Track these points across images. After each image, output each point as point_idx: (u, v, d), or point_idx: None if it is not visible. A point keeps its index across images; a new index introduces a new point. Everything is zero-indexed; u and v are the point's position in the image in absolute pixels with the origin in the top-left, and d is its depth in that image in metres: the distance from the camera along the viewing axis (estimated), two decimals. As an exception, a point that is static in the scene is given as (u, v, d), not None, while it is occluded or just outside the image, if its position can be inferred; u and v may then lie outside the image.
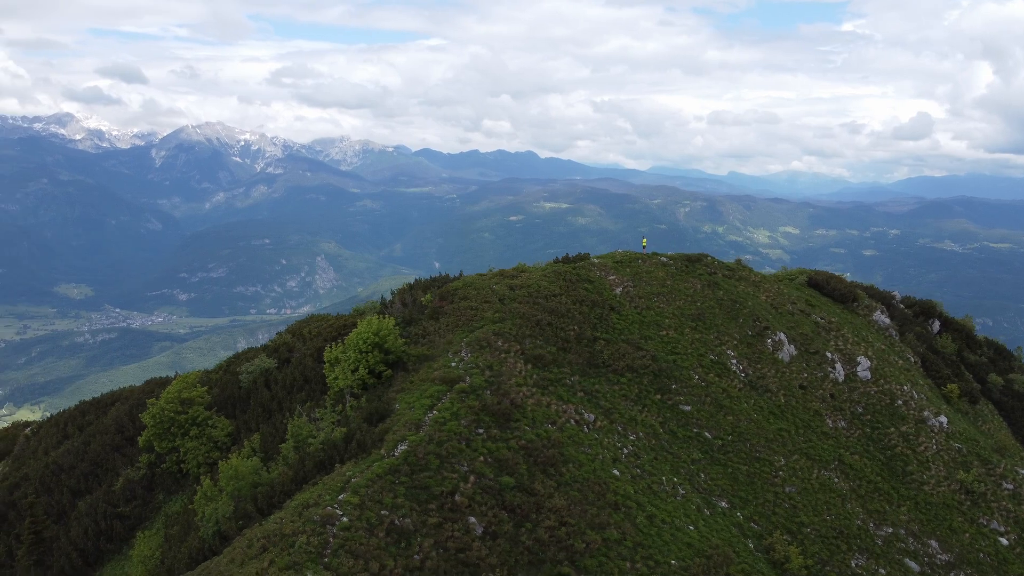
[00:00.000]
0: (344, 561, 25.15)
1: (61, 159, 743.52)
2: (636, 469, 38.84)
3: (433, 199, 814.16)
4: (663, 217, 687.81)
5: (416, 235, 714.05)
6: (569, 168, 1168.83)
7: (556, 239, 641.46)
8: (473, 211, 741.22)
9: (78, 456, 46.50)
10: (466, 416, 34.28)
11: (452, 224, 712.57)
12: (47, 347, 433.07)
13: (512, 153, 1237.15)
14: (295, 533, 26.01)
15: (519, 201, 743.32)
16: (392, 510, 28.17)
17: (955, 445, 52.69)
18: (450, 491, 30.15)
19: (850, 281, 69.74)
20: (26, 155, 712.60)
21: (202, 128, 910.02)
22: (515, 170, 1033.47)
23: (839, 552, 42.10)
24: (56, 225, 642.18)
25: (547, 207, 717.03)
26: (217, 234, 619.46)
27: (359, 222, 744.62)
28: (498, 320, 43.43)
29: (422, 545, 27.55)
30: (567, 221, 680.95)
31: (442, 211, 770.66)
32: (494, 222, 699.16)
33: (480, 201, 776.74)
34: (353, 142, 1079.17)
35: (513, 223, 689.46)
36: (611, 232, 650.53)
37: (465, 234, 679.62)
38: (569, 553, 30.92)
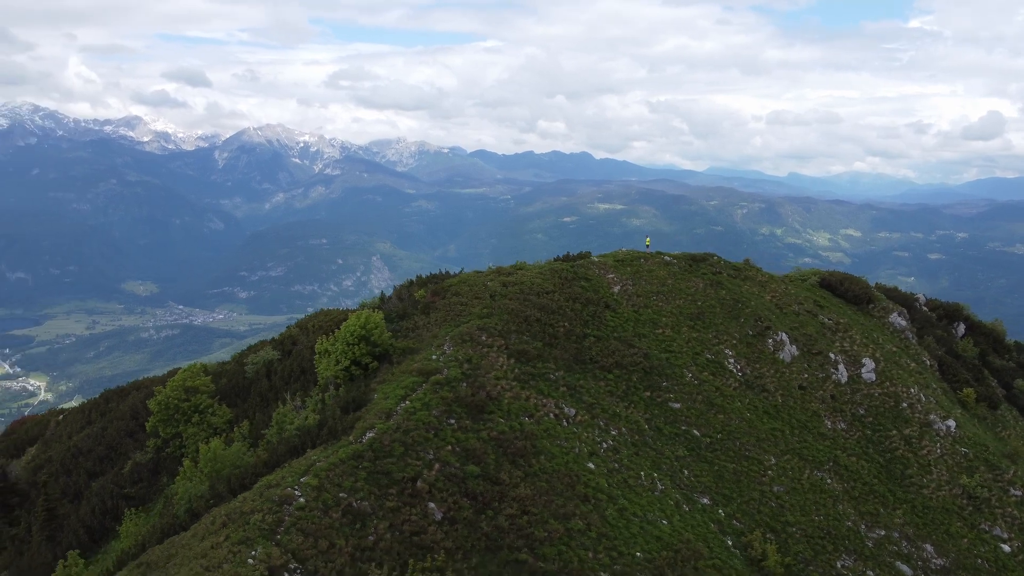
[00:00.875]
0: (294, 538, 26.60)
1: (130, 160, 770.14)
2: (614, 464, 39.50)
3: (487, 200, 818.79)
4: (719, 219, 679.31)
5: (470, 236, 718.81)
6: (624, 169, 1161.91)
7: (610, 241, 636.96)
8: (527, 212, 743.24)
9: (96, 440, 49.27)
10: (437, 406, 35.48)
11: (506, 225, 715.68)
12: (114, 342, 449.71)
13: (567, 154, 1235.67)
14: (252, 511, 27.60)
15: (573, 202, 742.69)
16: (350, 493, 29.55)
17: (961, 449, 51.81)
18: (412, 477, 31.38)
19: (869, 283, 68.72)
20: (97, 157, 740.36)
21: (263, 130, 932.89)
22: (570, 171, 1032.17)
23: (824, 552, 41.99)
24: (124, 224, 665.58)
25: (601, 208, 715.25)
26: (276, 234, 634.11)
27: (414, 223, 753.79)
28: (485, 315, 44.55)
29: (377, 527, 28.85)
30: (621, 222, 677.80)
31: (496, 212, 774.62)
32: (548, 223, 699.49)
33: (534, 202, 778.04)
34: (409, 143, 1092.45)
35: (567, 224, 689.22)
36: (666, 234, 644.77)
37: (518, 235, 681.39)
38: (528, 541, 31.83)
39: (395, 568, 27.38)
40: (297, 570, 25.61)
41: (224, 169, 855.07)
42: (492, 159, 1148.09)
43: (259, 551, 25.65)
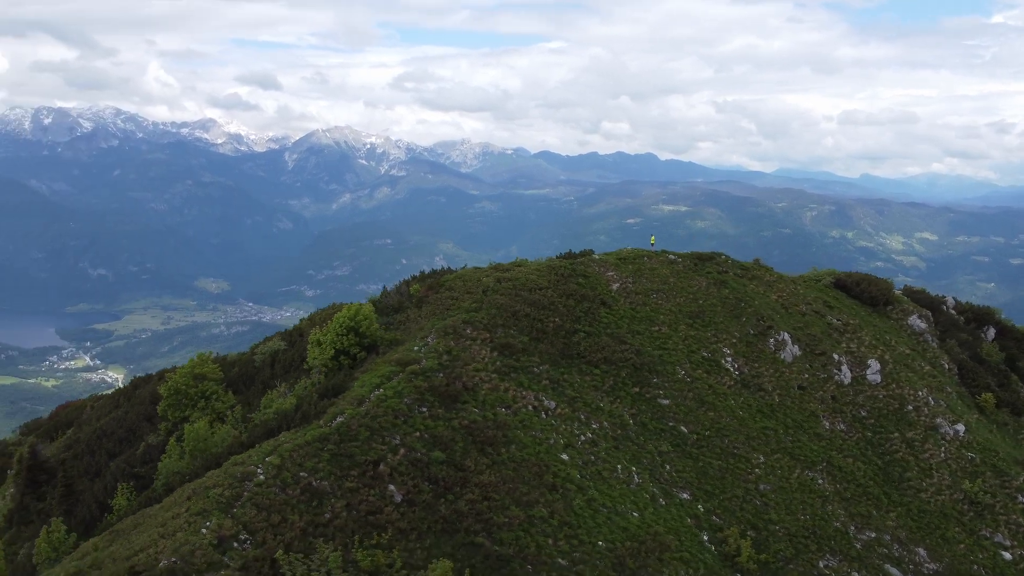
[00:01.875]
0: (248, 511, 28.38)
1: (204, 162, 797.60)
2: (590, 456, 40.30)
3: (550, 201, 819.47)
4: (787, 221, 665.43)
5: (532, 237, 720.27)
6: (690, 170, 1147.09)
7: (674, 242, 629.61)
8: (590, 213, 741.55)
9: (118, 423, 52.41)
10: (410, 395, 36.93)
11: (569, 226, 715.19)
12: (187, 337, 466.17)
13: (631, 155, 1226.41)
14: (214, 486, 29.52)
15: (637, 204, 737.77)
16: (311, 473, 31.22)
17: (967, 454, 50.80)
18: (374, 460, 32.89)
19: (893, 284, 67.44)
20: (173, 158, 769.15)
21: (331, 132, 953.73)
22: (634, 172, 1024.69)
23: (807, 551, 41.92)
24: (198, 224, 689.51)
25: (665, 210, 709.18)
26: (342, 234, 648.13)
27: (477, 223, 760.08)
28: (473, 309, 45.83)
29: (334, 506, 30.45)
30: (686, 224, 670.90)
31: (559, 213, 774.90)
32: (611, 224, 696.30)
33: (597, 203, 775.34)
34: (473, 144, 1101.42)
35: (630, 226, 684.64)
36: (731, 236, 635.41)
37: (581, 236, 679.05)
38: (487, 525, 32.98)
39: (344, 543, 28.91)
40: (247, 541, 27.38)
41: (293, 170, 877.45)
42: (556, 160, 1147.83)
43: (213, 522, 27.52)
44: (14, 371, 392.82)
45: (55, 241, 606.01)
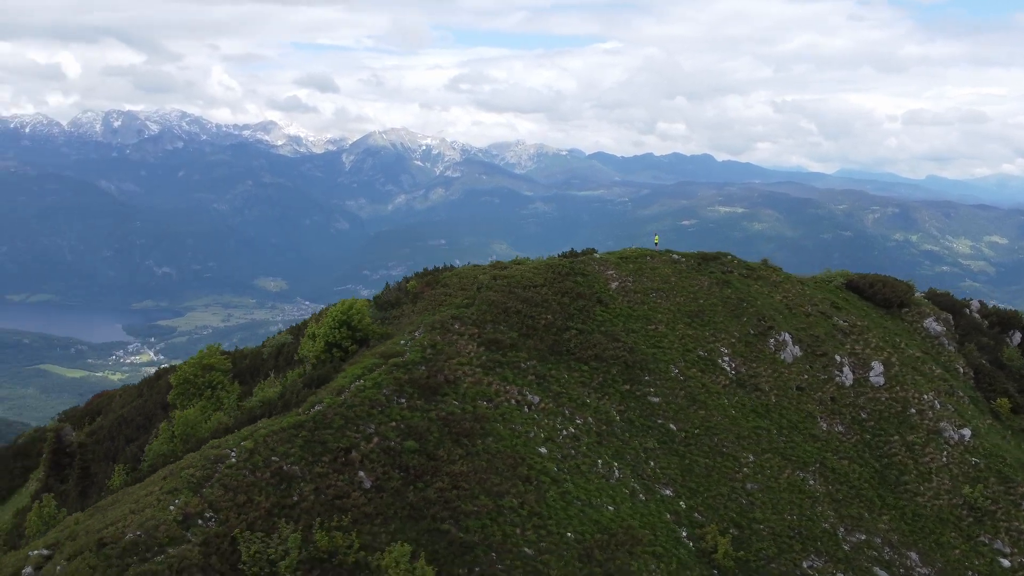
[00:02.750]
0: (216, 491, 30.02)
1: (265, 163, 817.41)
2: (570, 450, 41.03)
3: (604, 202, 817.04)
4: (848, 224, 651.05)
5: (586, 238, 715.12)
6: (747, 171, 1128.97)
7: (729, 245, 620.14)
8: (644, 215, 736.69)
9: (138, 411, 55.17)
10: (389, 386, 38.23)
11: (623, 228, 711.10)
12: (246, 334, 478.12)
13: (687, 156, 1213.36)
14: (189, 467, 31.27)
15: (692, 205, 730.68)
16: (283, 457, 32.74)
17: (971, 459, 49.90)
18: (346, 448, 34.27)
19: (913, 286, 66.19)
20: (235, 159, 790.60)
21: (387, 134, 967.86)
22: (690, 173, 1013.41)
23: (790, 551, 41.88)
24: (258, 224, 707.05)
25: (722, 211, 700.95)
26: (397, 234, 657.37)
27: (531, 224, 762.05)
28: (464, 305, 46.95)
29: (302, 489, 31.91)
30: (742, 226, 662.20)
31: (613, 214, 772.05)
32: (665, 226, 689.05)
33: (652, 205, 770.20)
34: (528, 146, 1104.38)
35: (685, 227, 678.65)
36: (789, 239, 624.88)
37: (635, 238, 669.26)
38: (454, 513, 34.04)
39: (308, 525, 30.31)
40: (211, 519, 29.01)
41: (350, 171, 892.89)
42: (610, 161, 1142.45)
43: (180, 500, 29.24)
44: (83, 364, 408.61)
45: (123, 240, 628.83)
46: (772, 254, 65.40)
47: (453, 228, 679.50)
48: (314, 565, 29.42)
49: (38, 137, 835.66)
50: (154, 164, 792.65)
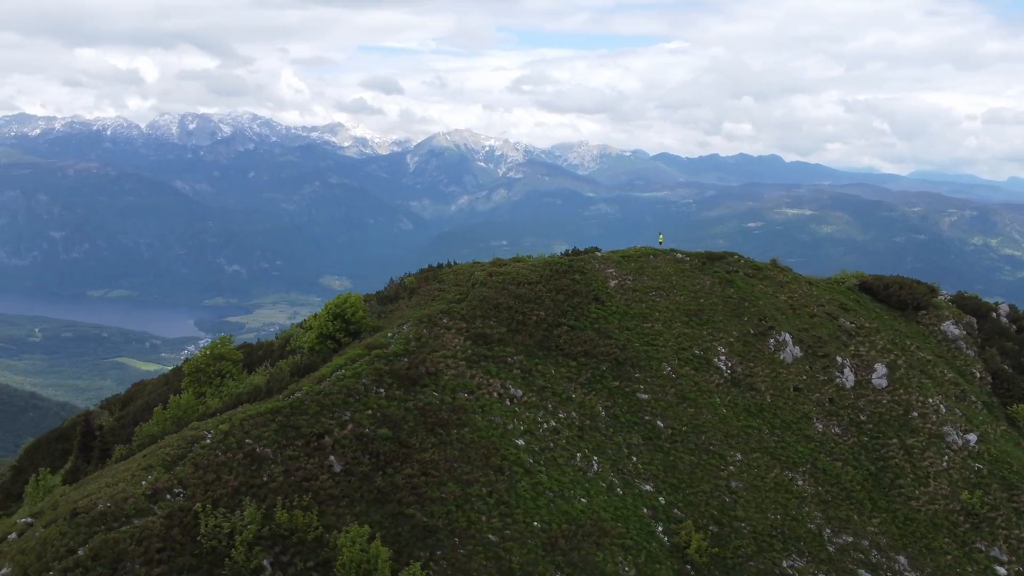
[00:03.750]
0: (187, 469, 31.99)
1: (331, 164, 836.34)
2: (549, 443, 41.89)
3: (668, 204, 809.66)
4: (923, 227, 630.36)
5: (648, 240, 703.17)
6: (817, 172, 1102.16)
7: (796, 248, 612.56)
8: (709, 217, 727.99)
9: (160, 398, 58.13)
10: (368, 376, 39.76)
11: (686, 229, 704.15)
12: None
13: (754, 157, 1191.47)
14: (166, 446, 33.37)
15: (759, 207, 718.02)
16: (256, 440, 34.55)
17: (974, 465, 48.84)
18: (319, 433, 35.91)
19: (938, 288, 64.67)
20: (303, 161, 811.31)
21: (451, 135, 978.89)
22: (757, 174, 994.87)
23: (771, 550, 41.89)
24: (324, 223, 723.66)
25: (789, 213, 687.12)
26: (459, 235, 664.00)
27: (593, 226, 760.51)
28: (456, 300, 48.20)
29: (272, 470, 33.65)
30: (809, 229, 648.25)
31: (677, 216, 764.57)
32: (730, 228, 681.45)
33: (717, 206, 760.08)
34: (591, 147, 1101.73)
35: (751, 230, 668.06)
36: (859, 242, 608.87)
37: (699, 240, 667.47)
38: (420, 499, 35.34)
39: (273, 504, 31.99)
40: (180, 494, 30.97)
41: (414, 172, 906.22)
42: (675, 162, 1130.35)
43: (152, 476, 31.30)
44: (157, 358, 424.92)
45: (196, 238, 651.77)
46: (841, 258, 64.06)
47: (515, 229, 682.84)
48: (276, 542, 31.09)
49: (118, 139, 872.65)
50: (226, 165, 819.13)
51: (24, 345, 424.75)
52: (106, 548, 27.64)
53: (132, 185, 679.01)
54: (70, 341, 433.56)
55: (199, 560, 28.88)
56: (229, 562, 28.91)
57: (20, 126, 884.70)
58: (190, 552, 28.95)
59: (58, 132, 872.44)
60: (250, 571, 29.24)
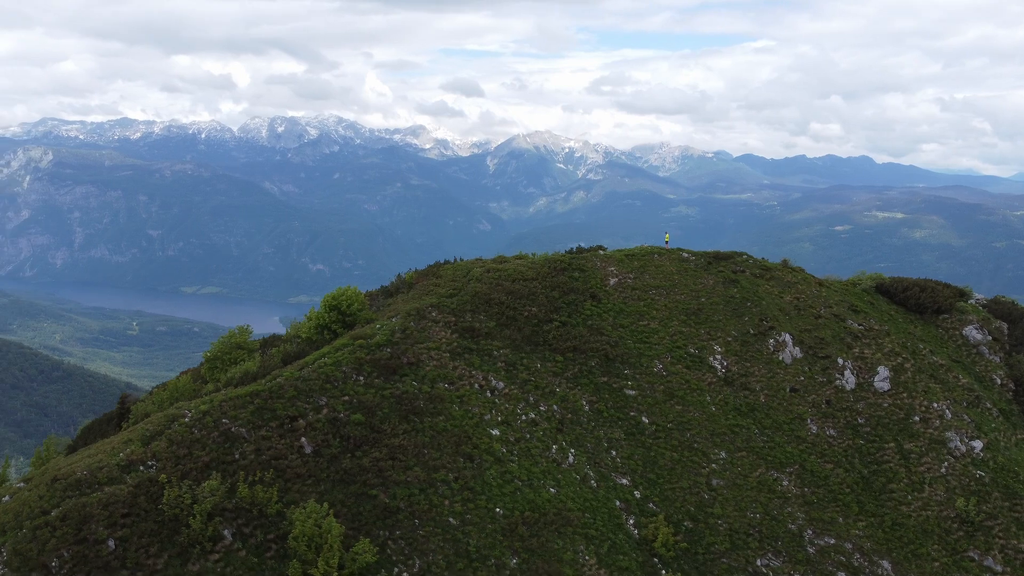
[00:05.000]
0: (162, 444, 34.58)
1: (413, 166, 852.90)
2: (525, 434, 43.06)
3: (751, 206, 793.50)
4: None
5: (729, 242, 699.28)
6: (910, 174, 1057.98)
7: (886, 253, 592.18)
8: (793, 219, 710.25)
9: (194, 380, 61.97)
10: (349, 364, 41.77)
11: (769, 233, 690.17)
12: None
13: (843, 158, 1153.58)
14: (149, 423, 36.13)
15: (847, 210, 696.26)
16: (232, 420, 36.95)
17: (976, 472, 47.47)
18: (293, 416, 38.07)
19: (952, 291, 62.56)
20: (386, 162, 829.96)
21: (531, 137, 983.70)
22: (845, 176, 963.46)
23: (745, 548, 42.01)
24: (405, 224, 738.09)
25: (879, 217, 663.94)
26: (536, 236, 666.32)
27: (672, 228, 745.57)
28: (448, 295, 49.77)
29: (244, 449, 35.99)
30: (901, 234, 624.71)
31: (760, 219, 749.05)
32: (816, 232, 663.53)
33: (802, 209, 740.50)
34: (672, 148, 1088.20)
35: (837, 233, 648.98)
36: (954, 248, 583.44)
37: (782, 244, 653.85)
38: (385, 481, 37.09)
39: (239, 479, 34.28)
40: (152, 467, 33.59)
41: (494, 174, 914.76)
42: (759, 164, 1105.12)
43: (129, 449, 34.05)
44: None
45: (282, 237, 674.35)
46: (933, 264, 62.51)
47: (593, 231, 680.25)
48: (239, 514, 33.39)
49: (212, 142, 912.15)
50: (312, 167, 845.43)
51: (122, 338, 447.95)
52: (74, 511, 30.42)
53: (224, 186, 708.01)
54: (164, 335, 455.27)
55: (160, 526, 31.39)
56: (186, 530, 31.31)
57: (123, 130, 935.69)
58: (153, 519, 31.49)
59: (157, 135, 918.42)
60: (207, 538, 31.59)
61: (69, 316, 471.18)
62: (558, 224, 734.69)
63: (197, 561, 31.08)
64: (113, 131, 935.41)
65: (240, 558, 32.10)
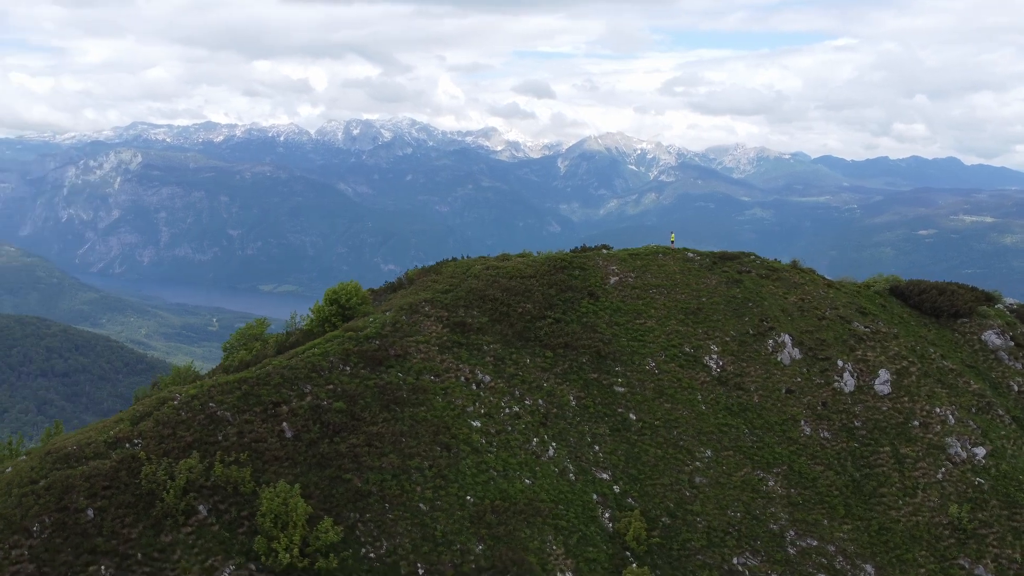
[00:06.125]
0: (148, 424, 37.06)
1: (484, 168, 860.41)
2: (507, 427, 44.15)
3: (830, 209, 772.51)
4: None
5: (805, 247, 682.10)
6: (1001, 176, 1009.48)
7: (973, 259, 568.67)
8: (874, 223, 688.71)
9: (216, 373, 65.39)
10: (336, 354, 43.65)
11: (848, 236, 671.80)
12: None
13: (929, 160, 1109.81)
14: (141, 405, 38.75)
15: (932, 214, 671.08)
16: (218, 404, 39.23)
17: (975, 479, 46.33)
18: (276, 402, 40.11)
19: (974, 295, 60.65)
20: (458, 164, 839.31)
21: (603, 138, 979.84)
22: (931, 178, 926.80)
23: (722, 546, 42.17)
24: (476, 225, 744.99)
25: (967, 221, 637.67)
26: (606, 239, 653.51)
27: (746, 231, 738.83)
28: (444, 291, 51.19)
29: (227, 431, 38.19)
30: (989, 239, 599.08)
31: (839, 222, 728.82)
32: (898, 236, 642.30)
33: (884, 212, 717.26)
34: (748, 149, 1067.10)
35: (921, 238, 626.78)
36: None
37: (862, 248, 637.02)
38: (359, 466, 38.77)
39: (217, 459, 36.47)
40: (137, 444, 36.10)
41: (565, 176, 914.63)
42: (838, 165, 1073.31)
43: (117, 428, 36.65)
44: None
45: (356, 238, 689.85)
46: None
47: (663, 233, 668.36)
48: (216, 491, 35.58)
49: (290, 144, 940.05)
50: (385, 168, 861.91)
51: (203, 333, 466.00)
52: (58, 481, 33.10)
53: (301, 187, 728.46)
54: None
55: (137, 499, 33.79)
56: (161, 503, 33.63)
57: (207, 133, 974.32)
58: (131, 492, 33.92)
59: (238, 138, 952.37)
60: (180, 512, 33.84)
61: (154, 312, 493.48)
62: (628, 226, 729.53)
63: (170, 532, 33.34)
64: (198, 134, 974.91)
65: (213, 532, 34.24)
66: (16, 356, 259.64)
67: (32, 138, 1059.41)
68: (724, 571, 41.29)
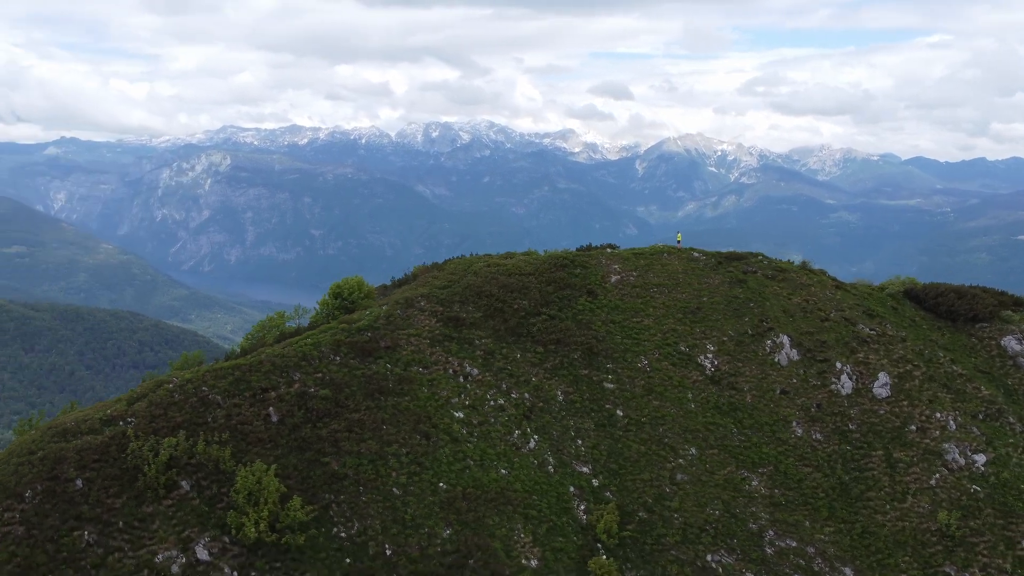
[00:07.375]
0: (142, 405, 39.90)
1: (561, 169, 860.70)
2: (490, 418, 45.42)
3: (920, 212, 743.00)
4: None
5: (893, 252, 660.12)
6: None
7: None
8: (968, 228, 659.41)
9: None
10: (327, 345, 45.77)
11: (940, 241, 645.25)
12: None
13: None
14: (140, 387, 41.69)
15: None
16: (210, 388, 41.81)
17: (971, 487, 45.10)
18: (265, 388, 42.46)
19: (995, 298, 58.43)
20: (534, 166, 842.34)
21: (682, 140, 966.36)
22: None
23: (697, 543, 42.42)
24: (552, 227, 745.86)
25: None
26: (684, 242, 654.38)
27: (830, 235, 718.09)
28: (442, 287, 52.73)
29: (216, 414, 40.73)
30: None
31: (930, 226, 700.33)
32: (994, 241, 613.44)
33: (979, 216, 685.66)
34: (833, 151, 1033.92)
35: (1020, 243, 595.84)
36: None
37: (954, 253, 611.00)
38: (338, 450, 40.75)
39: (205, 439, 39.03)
40: (130, 422, 38.98)
41: (642, 178, 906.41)
42: (930, 167, 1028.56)
43: (115, 407, 39.64)
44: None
45: (432, 239, 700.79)
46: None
47: (742, 237, 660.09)
48: (200, 468, 38.16)
49: (371, 147, 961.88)
50: (463, 170, 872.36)
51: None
52: (52, 453, 36.18)
53: (380, 189, 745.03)
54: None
55: (123, 472, 36.59)
56: (143, 477, 36.34)
57: (291, 136, 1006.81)
58: (118, 466, 36.74)
59: (322, 141, 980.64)
60: (161, 485, 36.47)
61: (239, 308, 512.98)
62: (707, 229, 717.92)
63: (151, 504, 36.00)
64: (283, 137, 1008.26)
65: (192, 506, 36.77)
66: (111, 348, 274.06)
67: (130, 141, 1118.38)
68: (697, 568, 41.54)
